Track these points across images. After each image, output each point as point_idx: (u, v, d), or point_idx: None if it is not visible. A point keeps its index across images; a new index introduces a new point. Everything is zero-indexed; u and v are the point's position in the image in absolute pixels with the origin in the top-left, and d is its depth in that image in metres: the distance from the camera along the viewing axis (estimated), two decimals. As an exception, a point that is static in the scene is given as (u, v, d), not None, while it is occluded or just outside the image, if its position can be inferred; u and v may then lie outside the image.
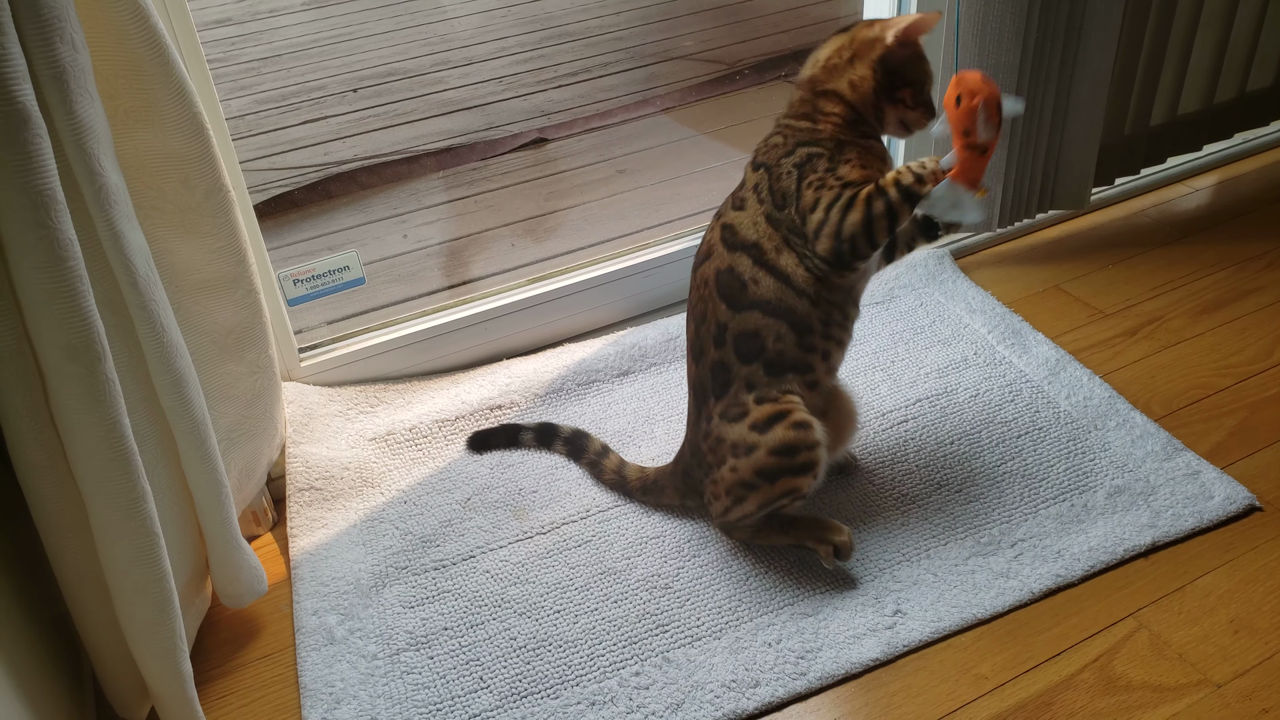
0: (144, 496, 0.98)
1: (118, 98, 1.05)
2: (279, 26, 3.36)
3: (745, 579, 1.26)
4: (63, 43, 0.88)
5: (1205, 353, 1.60)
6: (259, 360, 1.31)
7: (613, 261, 1.73)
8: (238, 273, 1.23)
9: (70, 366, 0.90)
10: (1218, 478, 1.34)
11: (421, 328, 1.62)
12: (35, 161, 0.83)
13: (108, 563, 0.99)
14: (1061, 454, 1.40)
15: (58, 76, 0.87)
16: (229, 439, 1.28)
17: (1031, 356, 1.58)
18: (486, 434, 1.49)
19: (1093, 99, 1.72)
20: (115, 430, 0.93)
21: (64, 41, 0.88)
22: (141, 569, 1.00)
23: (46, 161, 0.84)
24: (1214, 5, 1.80)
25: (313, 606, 1.24)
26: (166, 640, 1.05)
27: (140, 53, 1.03)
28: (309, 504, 1.38)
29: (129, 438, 0.95)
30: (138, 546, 0.99)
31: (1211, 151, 2.07)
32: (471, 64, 3.07)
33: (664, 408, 1.54)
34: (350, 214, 2.38)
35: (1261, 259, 1.80)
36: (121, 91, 1.05)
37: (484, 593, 1.26)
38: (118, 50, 1.02)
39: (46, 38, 0.86)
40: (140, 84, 1.05)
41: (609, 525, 1.34)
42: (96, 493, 0.95)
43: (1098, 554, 1.25)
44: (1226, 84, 1.92)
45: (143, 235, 1.01)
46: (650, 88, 2.90)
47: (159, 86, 1.06)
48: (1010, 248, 1.90)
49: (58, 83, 0.87)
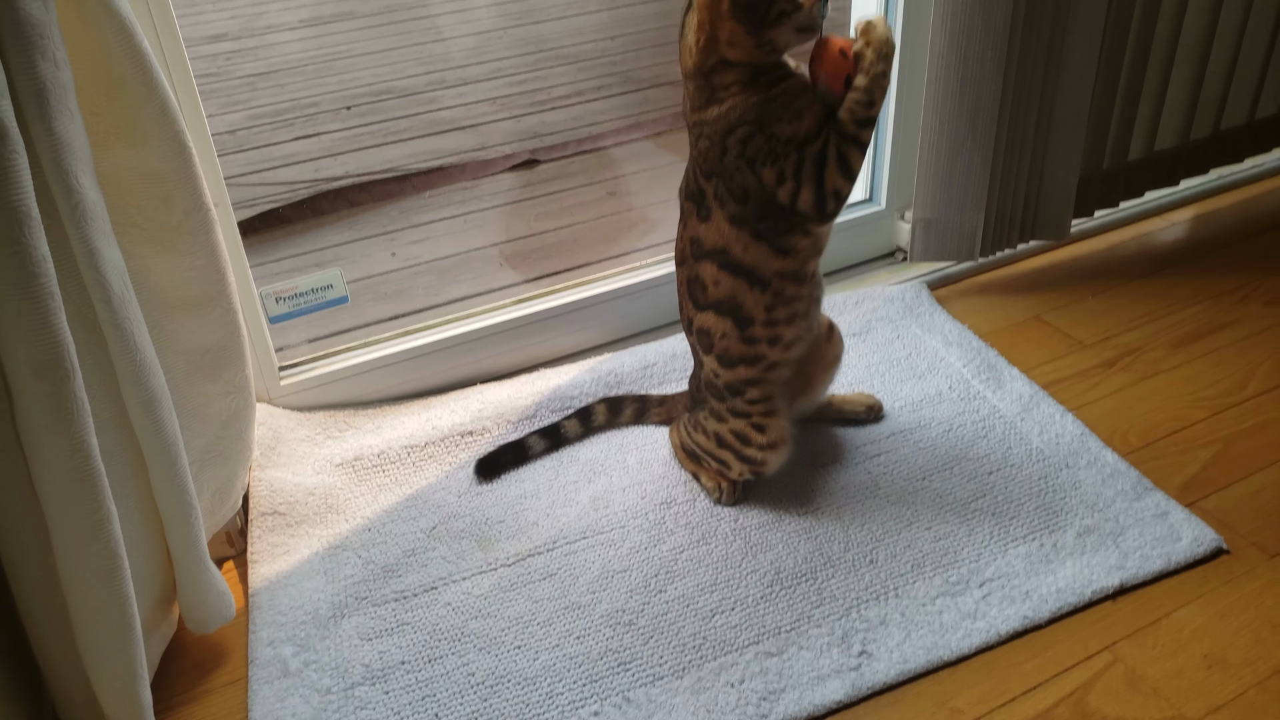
0: (109, 518, 0.97)
1: (100, 114, 1.05)
2: (275, 43, 3.38)
3: (711, 616, 1.25)
4: (44, 60, 0.88)
5: (1182, 385, 1.60)
6: (235, 380, 1.30)
7: (596, 284, 1.73)
8: (217, 291, 1.23)
9: (38, 384, 0.89)
10: (1186, 519, 1.33)
11: (403, 348, 1.62)
12: (10, 177, 0.83)
13: (69, 586, 0.99)
14: (1032, 492, 1.40)
15: (38, 93, 0.88)
16: (202, 460, 1.27)
17: (1006, 392, 1.58)
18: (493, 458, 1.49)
19: (1072, 132, 1.72)
20: (82, 450, 0.93)
21: (45, 59, 0.88)
22: (103, 593, 0.99)
23: (22, 178, 0.84)
24: (1188, 43, 1.81)
25: (268, 636, 1.24)
26: (126, 668, 1.04)
27: (125, 70, 1.03)
28: (271, 530, 1.38)
29: (96, 458, 0.95)
30: (100, 570, 0.98)
31: (1188, 186, 2.09)
32: (466, 84, 3.08)
33: (638, 436, 1.54)
34: (340, 231, 2.39)
35: (1236, 293, 1.81)
36: (104, 108, 1.05)
37: (444, 626, 1.25)
38: (102, 67, 1.03)
39: (28, 54, 0.86)
40: (123, 101, 1.05)
41: (575, 558, 1.33)
42: (60, 514, 0.95)
43: (1065, 595, 1.25)
44: (1201, 121, 1.93)
45: (119, 252, 1.01)
46: (642, 112, 2.91)
47: (142, 104, 1.06)
48: (992, 277, 1.90)
49: (38, 99, 0.88)
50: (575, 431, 1.53)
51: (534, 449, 1.51)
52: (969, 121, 1.64)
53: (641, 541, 1.35)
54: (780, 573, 1.30)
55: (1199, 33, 1.81)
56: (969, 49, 1.59)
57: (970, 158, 1.68)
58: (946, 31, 1.58)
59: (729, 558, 1.32)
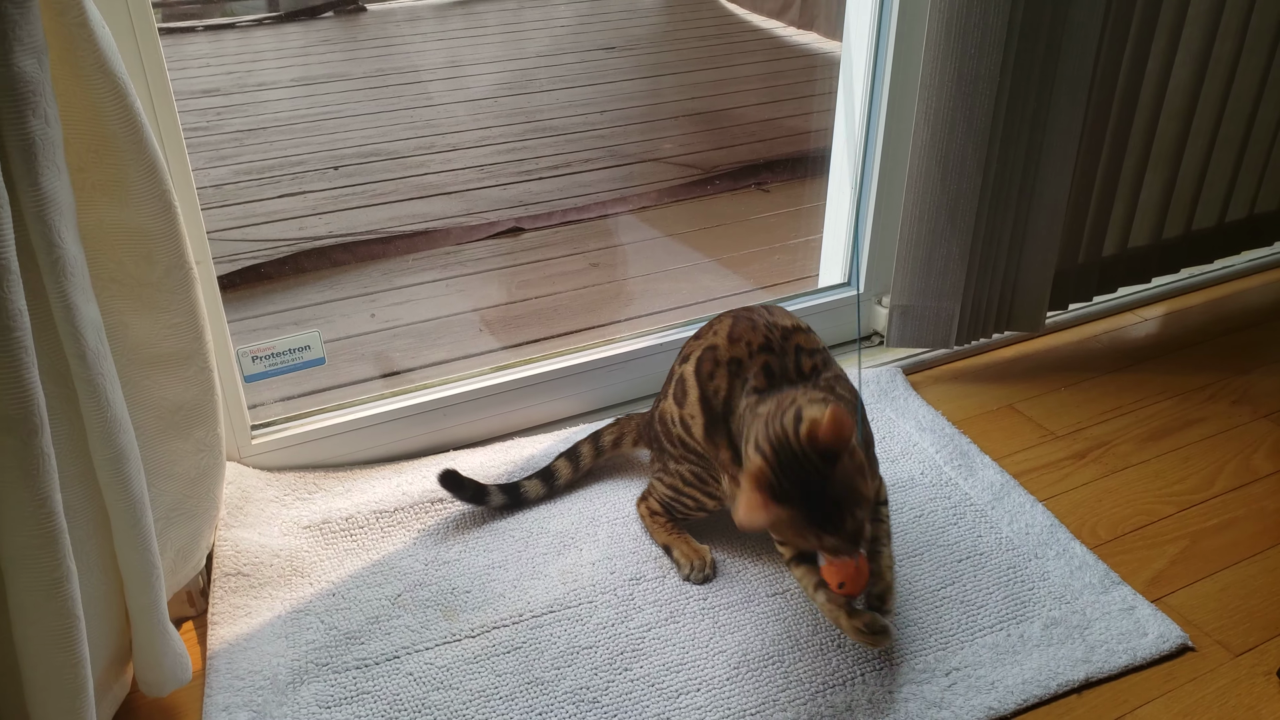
0: (67, 577, 0.95)
1: (87, 170, 1.06)
2: (266, 100, 3.40)
3: (676, 696, 1.23)
4: (35, 116, 0.88)
5: (1150, 479, 1.62)
6: (206, 439, 1.29)
7: (575, 354, 1.74)
8: (194, 349, 1.22)
9: (4, 438, 0.88)
10: (1152, 615, 1.34)
11: (377, 411, 1.61)
12: None
13: (22, 645, 0.96)
14: (1001, 581, 1.40)
15: (26, 149, 0.88)
16: (168, 518, 1.25)
17: (977, 480, 1.58)
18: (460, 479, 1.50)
19: (1049, 227, 1.76)
20: (45, 506, 0.91)
21: (36, 115, 0.89)
22: (57, 654, 0.97)
23: (4, 232, 0.84)
24: (1162, 147, 1.87)
25: (224, 701, 1.21)
26: (73, 730, 1.01)
27: (115, 129, 1.04)
28: (234, 591, 1.35)
29: (59, 514, 0.93)
30: (56, 630, 0.96)
31: (1160, 284, 2.13)
32: (454, 150, 3.11)
33: (609, 509, 1.53)
34: (320, 290, 2.39)
35: (1205, 390, 1.84)
36: (91, 165, 1.06)
37: (405, 696, 1.22)
38: (92, 125, 1.03)
39: (19, 110, 0.87)
40: (112, 160, 1.06)
41: (541, 632, 1.32)
42: (18, 571, 0.93)
43: (1031, 687, 1.24)
44: (1174, 221, 1.98)
45: (97, 308, 1.01)
46: (627, 186, 2.94)
47: (130, 163, 1.06)
48: (966, 365, 1.93)
49: (25, 155, 0.88)
50: (536, 492, 1.54)
51: (492, 501, 1.51)
52: (949, 212, 1.68)
53: (609, 618, 1.34)
54: (747, 654, 1.29)
55: (1172, 138, 1.87)
56: (951, 142, 1.63)
57: (949, 247, 1.71)
58: (929, 124, 1.63)
59: (697, 637, 1.31)
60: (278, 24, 4.07)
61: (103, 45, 1.00)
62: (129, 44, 1.21)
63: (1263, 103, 1.94)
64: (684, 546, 1.42)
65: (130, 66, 1.22)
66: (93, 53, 0.99)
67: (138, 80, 1.23)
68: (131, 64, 1.22)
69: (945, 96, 1.59)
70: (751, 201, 2.87)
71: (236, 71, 3.66)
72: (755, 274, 2.46)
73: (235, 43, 3.91)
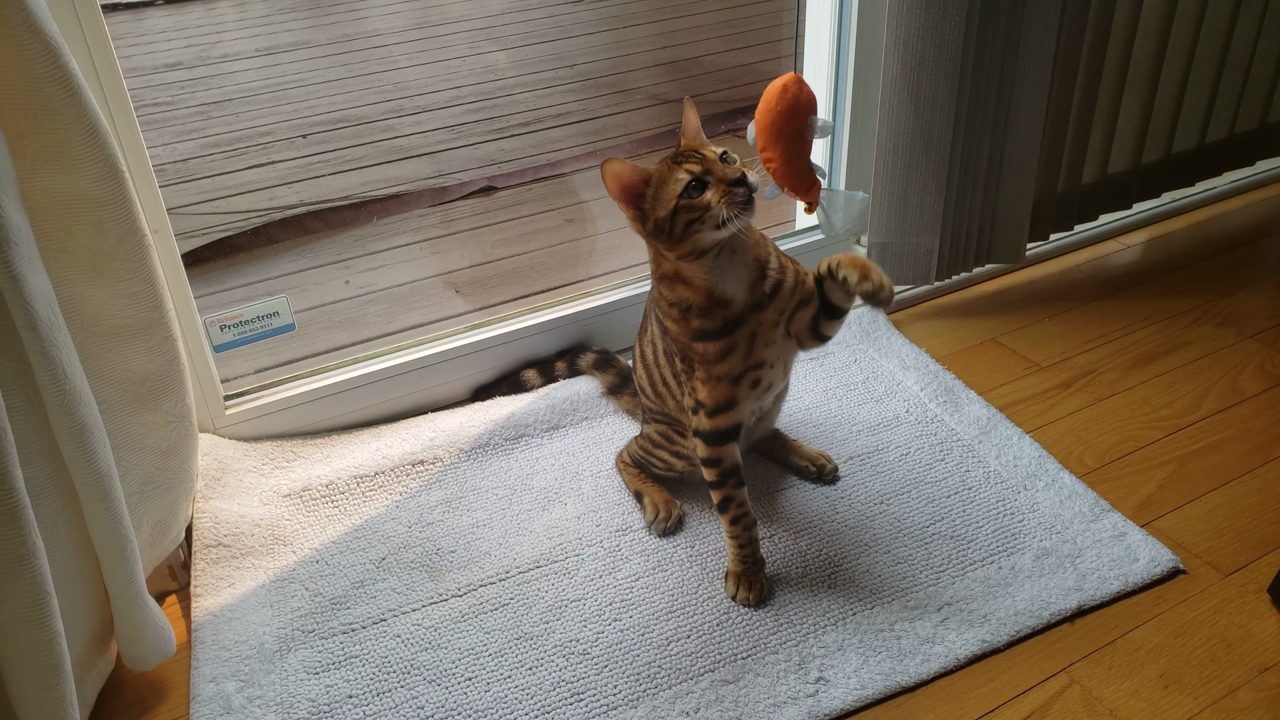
0: (34, 553, 0.93)
1: (27, 137, 1.02)
2: (230, 72, 3.34)
3: (666, 644, 1.22)
4: (-37, 84, 0.85)
5: (1136, 406, 1.61)
6: (175, 409, 1.27)
7: (551, 309, 1.71)
8: (154, 319, 1.19)
9: (-50, 415, 0.86)
10: (1143, 540, 1.33)
11: (353, 375, 1.59)
12: None
13: (-7, 625, 0.95)
14: (990, 515, 1.39)
15: (-45, 118, 0.85)
16: (141, 491, 1.23)
17: (963, 415, 1.57)
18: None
19: (1025, 157, 1.73)
20: (5, 482, 0.89)
21: (-36, 83, 0.85)
22: (30, 631, 0.95)
23: None
24: (1138, 68, 1.84)
25: (211, 672, 1.19)
26: (55, 708, 0.99)
27: (51, 91, 1.00)
28: (215, 562, 1.34)
29: (20, 490, 0.91)
30: (26, 607, 0.94)
31: (1141, 210, 2.11)
32: (423, 112, 3.06)
33: (593, 463, 1.51)
34: (294, 259, 2.35)
35: (1189, 314, 1.83)
36: (30, 131, 1.02)
37: (393, 658, 1.21)
38: (27, 89, 0.99)
39: None
40: (51, 124, 1.02)
41: (528, 588, 1.30)
42: (-18, 550, 0.91)
43: (1023, 618, 1.23)
44: (1153, 145, 1.96)
45: (47, 279, 0.98)
46: (599, 139, 2.90)
47: (70, 127, 1.03)
48: (948, 301, 1.91)
49: (-45, 124, 0.85)
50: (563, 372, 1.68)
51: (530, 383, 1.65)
52: (923, 146, 1.65)
53: (596, 570, 1.33)
54: (737, 600, 1.28)
55: (1148, 59, 1.84)
56: (922, 74, 1.59)
57: (925, 181, 1.68)
58: (899, 56, 1.59)
59: (685, 584, 1.30)
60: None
61: (30, 4, 0.96)
62: (67, 10, 1.17)
63: (1240, 18, 1.90)
64: (654, 495, 1.41)
65: (71, 34, 1.18)
66: (19, 12, 0.95)
67: (79, 47, 1.19)
68: (72, 31, 1.18)
69: (914, 24, 1.56)
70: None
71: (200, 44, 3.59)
72: (734, 221, 2.42)
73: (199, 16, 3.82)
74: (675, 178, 1.12)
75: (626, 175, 1.14)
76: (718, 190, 1.10)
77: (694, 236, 1.13)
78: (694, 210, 1.11)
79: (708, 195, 1.11)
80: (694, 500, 1.43)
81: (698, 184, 1.11)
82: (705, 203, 1.11)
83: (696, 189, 1.11)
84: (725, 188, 1.10)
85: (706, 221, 1.11)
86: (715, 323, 1.18)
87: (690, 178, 1.11)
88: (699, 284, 1.18)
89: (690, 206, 1.11)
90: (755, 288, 1.19)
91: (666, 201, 1.12)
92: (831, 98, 1.76)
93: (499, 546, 1.37)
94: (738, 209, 1.10)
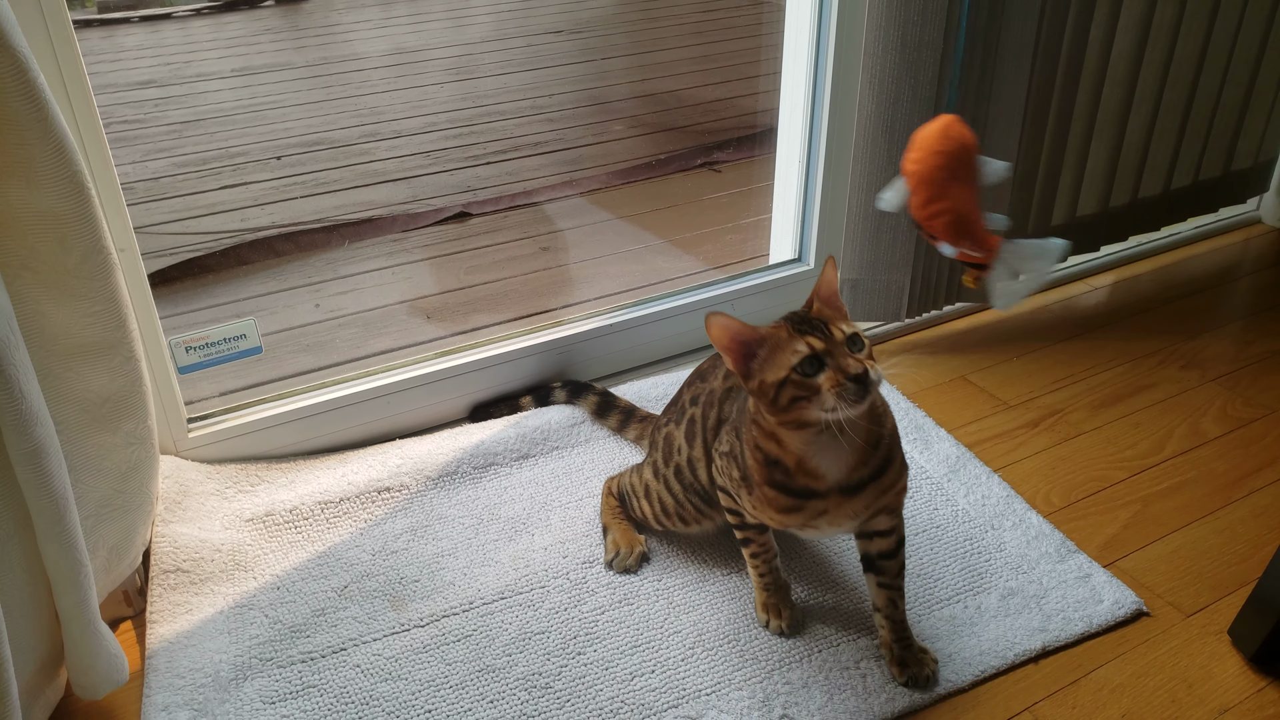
0: (-19, 577, 0.91)
1: (-11, 152, 1.01)
2: (205, 91, 3.33)
3: (630, 679, 1.21)
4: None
5: (1102, 446, 1.62)
6: (136, 431, 1.24)
7: (522, 338, 1.70)
8: (116, 339, 1.17)
9: (-92, 433, 0.84)
10: (1108, 581, 1.33)
11: (320, 400, 1.57)
12: None
13: (-60, 650, 0.92)
14: (958, 553, 1.39)
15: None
16: (98, 514, 1.20)
17: (933, 453, 1.57)
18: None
19: (996, 197, 1.75)
20: (-46, 504, 0.87)
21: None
22: (-24, 658, 0.93)
23: None
24: (1107, 114, 1.87)
25: (164, 701, 1.16)
26: (0, 736, 0.97)
27: (17, 106, 0.99)
28: (173, 588, 1.31)
29: (-30, 511, 0.89)
30: (-27, 633, 0.92)
31: (1109, 252, 2.14)
32: (400, 137, 3.06)
33: (562, 494, 1.50)
34: (264, 281, 2.33)
35: (1154, 356, 1.85)
36: None
37: (352, 689, 1.19)
38: None
39: None
40: (15, 139, 1.00)
41: (492, 619, 1.29)
42: (-71, 572, 0.89)
43: (988, 658, 1.23)
44: (1120, 189, 1.99)
45: (6, 295, 0.96)
46: (576, 169, 2.91)
47: (36, 143, 1.01)
48: (918, 338, 1.92)
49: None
50: (561, 400, 1.68)
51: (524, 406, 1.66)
52: (895, 183, 1.66)
53: (562, 602, 1.31)
54: (703, 634, 1.27)
55: (1117, 105, 1.87)
56: (896, 110, 1.61)
57: (897, 219, 1.69)
58: (874, 94, 1.61)
59: (651, 619, 1.29)
60: (217, 13, 3.98)
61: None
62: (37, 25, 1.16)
63: (1204, 69, 1.94)
64: (619, 533, 1.39)
65: (40, 48, 1.17)
66: (-13, 26, 0.94)
67: (48, 62, 1.18)
68: (42, 45, 1.17)
69: (890, 64, 1.58)
70: (703, 182, 2.84)
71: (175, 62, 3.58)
72: (708, 254, 2.44)
73: (174, 33, 3.81)
74: (794, 348, 1.03)
75: (738, 330, 1.06)
76: (832, 378, 1.02)
77: (798, 412, 1.04)
78: (803, 389, 1.03)
79: (821, 379, 1.02)
80: (662, 535, 1.42)
81: (814, 360, 1.02)
82: (816, 385, 1.02)
83: (811, 366, 1.02)
84: (841, 379, 1.02)
85: (814, 403, 1.02)
86: (795, 484, 1.11)
87: (809, 352, 1.02)
88: (792, 450, 1.09)
89: (800, 384, 1.03)
90: (855, 471, 1.11)
91: (777, 369, 1.04)
92: (807, 133, 1.77)
93: (463, 577, 1.35)
94: (848, 404, 1.01)
